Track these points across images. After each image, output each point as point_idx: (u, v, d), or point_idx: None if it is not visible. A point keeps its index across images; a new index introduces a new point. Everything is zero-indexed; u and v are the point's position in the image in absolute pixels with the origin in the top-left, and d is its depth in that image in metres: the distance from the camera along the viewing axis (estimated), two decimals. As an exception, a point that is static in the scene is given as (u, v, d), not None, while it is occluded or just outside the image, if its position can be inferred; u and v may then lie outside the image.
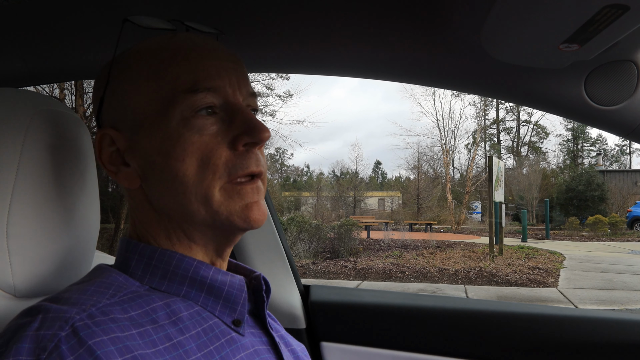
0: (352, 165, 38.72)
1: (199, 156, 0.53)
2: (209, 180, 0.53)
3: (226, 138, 0.54)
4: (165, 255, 0.55)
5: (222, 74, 0.56)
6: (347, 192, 26.31)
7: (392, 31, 0.79)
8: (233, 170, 0.54)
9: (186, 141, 0.53)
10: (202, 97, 0.54)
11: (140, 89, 0.55)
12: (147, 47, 0.57)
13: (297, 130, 54.62)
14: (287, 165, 38.94)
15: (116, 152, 0.57)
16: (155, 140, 0.54)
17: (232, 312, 0.57)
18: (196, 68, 0.55)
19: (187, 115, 0.53)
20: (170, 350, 0.48)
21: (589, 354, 1.04)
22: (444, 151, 25.27)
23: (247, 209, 0.54)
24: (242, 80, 0.58)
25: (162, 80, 0.55)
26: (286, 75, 19.45)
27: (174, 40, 0.57)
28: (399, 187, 29.66)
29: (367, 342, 1.18)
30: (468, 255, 10.64)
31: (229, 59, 0.58)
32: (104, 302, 0.48)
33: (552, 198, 22.27)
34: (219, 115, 0.55)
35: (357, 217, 20.34)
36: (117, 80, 0.57)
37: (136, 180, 0.57)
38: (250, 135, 0.54)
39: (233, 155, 0.54)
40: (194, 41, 0.57)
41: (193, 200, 0.53)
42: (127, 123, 0.56)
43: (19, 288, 0.58)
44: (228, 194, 0.54)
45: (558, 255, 10.73)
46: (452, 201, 22.99)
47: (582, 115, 0.80)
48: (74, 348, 0.42)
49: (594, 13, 0.54)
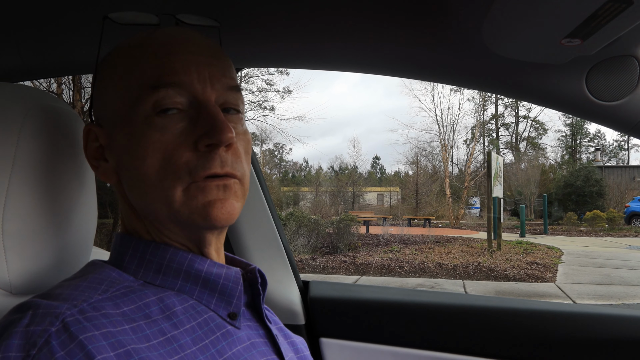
0: (351, 160, 38.78)
1: (160, 156, 0.51)
2: (169, 181, 0.51)
3: (190, 138, 0.52)
4: (159, 249, 0.55)
5: (190, 68, 0.53)
6: (346, 188, 26.34)
7: (393, 26, 0.78)
8: (194, 171, 0.51)
9: (148, 140, 0.52)
10: (164, 94, 0.52)
11: (116, 86, 0.55)
12: (127, 43, 0.57)
13: (297, 126, 54.64)
14: (286, 161, 38.96)
15: (99, 147, 0.58)
16: (124, 138, 0.54)
17: (228, 305, 0.56)
18: (161, 63, 0.53)
19: (151, 114, 0.52)
20: (165, 344, 0.48)
21: (586, 349, 1.04)
22: (443, 146, 25.29)
23: (208, 205, 0.51)
24: (216, 75, 0.55)
25: (132, 78, 0.54)
26: (285, 70, 19.41)
27: (152, 36, 0.56)
28: (398, 182, 29.72)
29: (367, 338, 1.18)
30: (466, 250, 10.67)
31: (202, 52, 0.55)
32: (96, 298, 0.48)
33: (551, 193, 22.33)
34: (186, 112, 0.53)
35: (356, 212, 20.36)
36: (102, 77, 0.58)
37: (113, 176, 0.57)
38: (210, 135, 0.51)
39: (195, 156, 0.51)
40: (169, 35, 0.55)
41: (155, 199, 0.52)
42: (106, 119, 0.57)
43: (15, 285, 0.58)
44: (191, 194, 0.51)
45: (556, 251, 10.76)
46: (450, 196, 23.04)
47: (583, 111, 0.80)
48: (64, 343, 0.42)
49: (597, 7, 0.54)
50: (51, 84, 11.32)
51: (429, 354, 1.13)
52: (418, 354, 1.14)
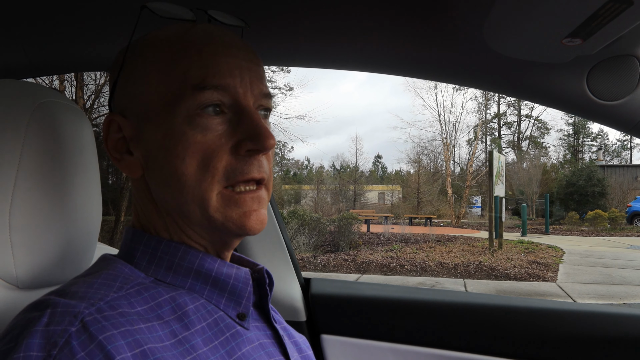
0: (353, 159, 38.71)
1: (199, 157, 0.51)
2: (207, 183, 0.51)
3: (230, 141, 0.52)
4: (170, 246, 0.55)
5: (235, 72, 0.53)
6: (348, 186, 26.32)
7: (396, 25, 0.78)
8: (232, 175, 0.52)
9: (188, 140, 0.51)
10: (209, 95, 0.52)
11: (150, 80, 0.54)
12: (163, 36, 0.55)
13: (299, 125, 54.52)
14: (288, 159, 38.94)
15: (122, 139, 0.56)
16: (159, 134, 0.53)
17: (237, 306, 0.56)
18: (207, 64, 0.52)
19: (193, 113, 0.51)
20: (177, 345, 0.48)
21: (587, 348, 1.05)
22: (445, 145, 25.24)
23: (244, 216, 0.53)
24: (255, 80, 0.55)
25: (172, 73, 0.53)
26: (287, 68, 19.37)
27: (190, 32, 0.54)
28: (399, 181, 29.68)
29: (367, 335, 1.19)
30: (467, 249, 10.66)
31: (244, 57, 0.55)
32: (112, 296, 0.48)
33: (552, 193, 22.29)
34: (227, 115, 0.53)
35: (357, 210, 20.36)
36: (131, 66, 0.56)
37: (138, 170, 0.56)
38: (254, 142, 0.52)
39: (235, 160, 0.52)
40: (211, 34, 0.54)
41: (189, 200, 0.52)
42: (135, 112, 0.55)
43: (22, 279, 0.58)
44: (225, 202, 0.52)
45: (557, 250, 10.75)
46: (452, 195, 23.00)
47: (584, 110, 0.80)
48: (84, 343, 0.42)
49: (598, 7, 0.54)
50: (53, 81, 11.33)
51: (429, 351, 1.14)
52: (418, 351, 1.14)
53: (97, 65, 1.07)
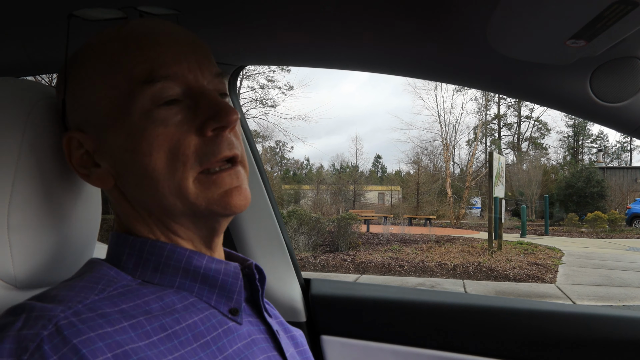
0: (352, 159, 38.75)
1: (166, 148, 0.50)
2: (180, 172, 0.51)
3: (193, 125, 0.52)
4: (156, 247, 0.54)
5: (180, 58, 0.52)
6: (347, 186, 26.33)
7: (398, 25, 0.78)
8: (205, 157, 0.51)
9: (151, 135, 0.50)
10: (160, 87, 0.51)
11: (98, 87, 0.53)
12: (99, 40, 0.54)
13: (299, 125, 54.57)
14: (287, 158, 38.94)
15: (86, 154, 0.55)
16: (121, 137, 0.52)
17: (229, 301, 0.56)
18: (150, 56, 0.51)
19: (149, 108, 0.51)
20: (165, 341, 0.47)
21: (586, 350, 1.04)
22: (445, 146, 25.25)
23: (226, 195, 0.52)
24: (203, 62, 0.55)
25: (117, 74, 0.52)
26: (287, 68, 19.36)
27: (125, 29, 0.53)
28: (399, 181, 29.69)
29: (367, 336, 1.19)
30: (467, 250, 10.66)
31: (185, 42, 0.54)
32: (92, 298, 0.47)
33: (552, 194, 22.30)
34: (184, 102, 0.52)
35: (357, 210, 20.35)
36: (75, 80, 0.55)
37: (109, 180, 0.55)
38: (217, 119, 0.51)
39: (202, 142, 0.51)
40: (147, 27, 0.54)
41: (167, 194, 0.51)
42: (91, 123, 0.54)
43: (20, 279, 0.58)
44: (203, 185, 0.51)
45: (557, 251, 10.75)
46: (451, 196, 23.01)
47: (587, 112, 0.80)
48: (57, 347, 0.41)
49: (603, 9, 0.54)
50: (53, 79, 11.32)
51: (429, 353, 1.14)
52: (418, 352, 1.14)
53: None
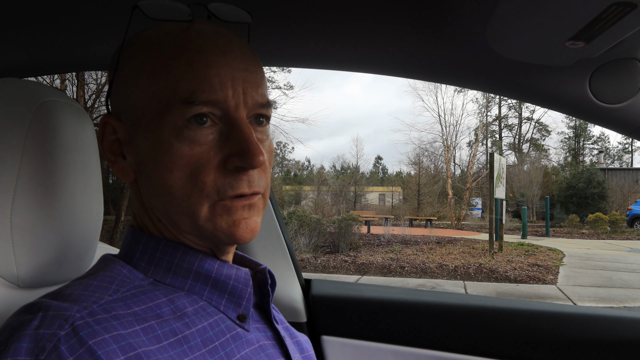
0: (353, 160, 38.74)
1: (187, 170, 0.50)
2: (195, 197, 0.50)
3: (218, 154, 0.50)
4: (170, 247, 0.54)
5: (227, 84, 0.50)
6: (348, 187, 26.32)
7: (398, 27, 0.78)
8: (222, 189, 0.50)
9: (175, 153, 0.50)
10: (198, 110, 0.49)
11: (141, 84, 0.52)
12: (156, 37, 0.52)
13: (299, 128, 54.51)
14: (288, 159, 38.92)
15: (117, 141, 0.55)
16: (148, 144, 0.52)
17: (237, 307, 0.56)
18: (197, 76, 0.50)
19: (180, 125, 0.49)
20: (175, 345, 0.48)
21: (587, 351, 1.04)
22: (445, 147, 25.24)
23: (233, 225, 0.51)
24: (250, 90, 0.52)
25: (162, 82, 0.51)
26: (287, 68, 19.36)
27: (184, 37, 0.51)
28: (400, 182, 29.68)
29: (368, 337, 1.19)
30: (468, 251, 10.66)
31: (240, 65, 0.52)
32: (106, 299, 0.47)
33: (553, 195, 22.26)
34: (218, 126, 0.51)
35: (358, 212, 20.33)
36: (124, 68, 0.54)
37: (131, 174, 0.55)
38: (242, 159, 0.49)
39: (222, 176, 0.50)
40: (205, 40, 0.51)
41: (179, 212, 0.51)
42: (128, 116, 0.54)
43: (23, 278, 0.58)
44: (216, 211, 0.51)
45: (557, 253, 10.74)
46: (452, 197, 22.99)
47: (586, 113, 0.80)
48: (73, 348, 0.41)
49: (601, 10, 0.54)
50: (54, 80, 11.34)
51: (429, 353, 1.14)
52: (418, 353, 1.14)
53: (100, 65, 1.07)
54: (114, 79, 0.55)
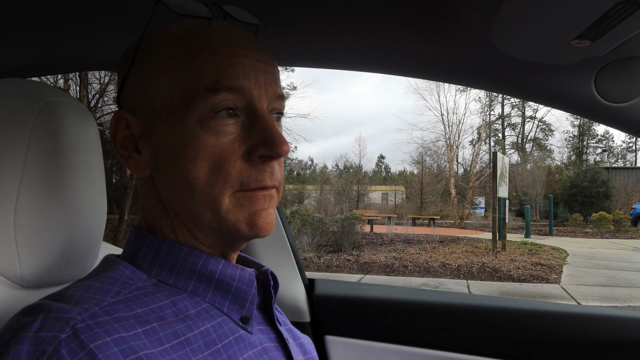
0: (356, 159, 38.73)
1: (211, 160, 0.50)
2: (219, 187, 0.51)
3: (243, 145, 0.51)
4: (173, 247, 0.54)
5: (249, 73, 0.52)
6: (351, 186, 26.32)
7: (403, 26, 0.78)
8: (246, 180, 0.51)
9: (200, 143, 0.50)
10: (223, 97, 0.50)
11: (162, 78, 0.52)
12: (177, 32, 0.53)
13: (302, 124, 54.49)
14: (291, 159, 38.94)
15: (130, 136, 0.55)
16: (170, 135, 0.51)
17: (241, 309, 0.56)
18: (221, 64, 0.51)
19: (206, 116, 0.50)
20: (177, 348, 0.47)
21: (591, 351, 1.04)
22: (448, 146, 25.20)
23: (255, 215, 0.52)
24: (270, 82, 0.54)
25: (185, 73, 0.51)
26: (290, 67, 19.38)
27: (205, 31, 0.53)
28: (403, 181, 29.65)
29: (371, 336, 1.19)
30: (471, 250, 10.64)
31: (260, 58, 0.54)
32: (108, 301, 0.47)
33: (556, 194, 22.21)
34: (241, 118, 0.52)
35: (361, 211, 20.33)
36: (142, 63, 0.54)
37: (146, 170, 0.55)
38: (268, 147, 0.51)
39: (248, 166, 0.51)
40: (226, 33, 0.53)
41: (200, 203, 0.51)
42: (145, 109, 0.54)
43: (27, 278, 0.59)
44: (238, 201, 0.51)
45: (561, 252, 10.71)
46: (455, 196, 22.96)
47: (592, 112, 0.80)
48: (74, 351, 0.41)
49: (607, 9, 0.54)
50: (58, 80, 11.38)
51: (432, 353, 1.14)
52: (422, 353, 1.14)
53: (104, 65, 1.07)
54: (129, 74, 0.55)
